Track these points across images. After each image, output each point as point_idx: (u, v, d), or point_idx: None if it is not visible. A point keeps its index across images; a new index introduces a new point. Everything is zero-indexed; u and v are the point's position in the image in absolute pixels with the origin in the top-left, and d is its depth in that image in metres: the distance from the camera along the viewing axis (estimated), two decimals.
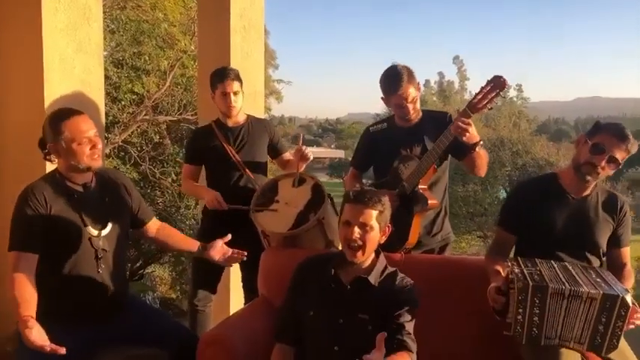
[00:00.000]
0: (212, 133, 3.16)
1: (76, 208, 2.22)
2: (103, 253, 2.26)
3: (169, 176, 9.72)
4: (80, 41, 2.81)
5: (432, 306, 2.23)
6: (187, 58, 8.95)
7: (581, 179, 2.27)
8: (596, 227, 2.31)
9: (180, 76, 9.66)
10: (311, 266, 2.22)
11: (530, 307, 1.96)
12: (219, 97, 3.09)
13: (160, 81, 9.36)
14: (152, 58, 9.26)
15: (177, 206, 9.85)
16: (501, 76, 2.40)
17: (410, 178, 2.71)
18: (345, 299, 2.05)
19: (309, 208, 2.83)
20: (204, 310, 3.28)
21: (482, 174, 2.87)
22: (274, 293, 2.69)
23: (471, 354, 2.40)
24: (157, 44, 9.43)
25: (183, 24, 9.03)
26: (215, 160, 3.17)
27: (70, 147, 2.16)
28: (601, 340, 1.94)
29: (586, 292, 1.92)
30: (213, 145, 3.14)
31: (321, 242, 2.83)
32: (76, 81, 2.80)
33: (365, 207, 2.01)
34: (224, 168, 3.15)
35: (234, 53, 3.67)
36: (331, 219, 2.89)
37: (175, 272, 10.37)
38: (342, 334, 2.02)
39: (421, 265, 2.57)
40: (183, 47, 8.63)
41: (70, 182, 2.24)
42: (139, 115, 8.88)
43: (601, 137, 2.21)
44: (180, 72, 9.58)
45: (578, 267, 2.15)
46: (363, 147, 3.06)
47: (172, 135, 9.75)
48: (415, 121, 2.86)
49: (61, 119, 2.18)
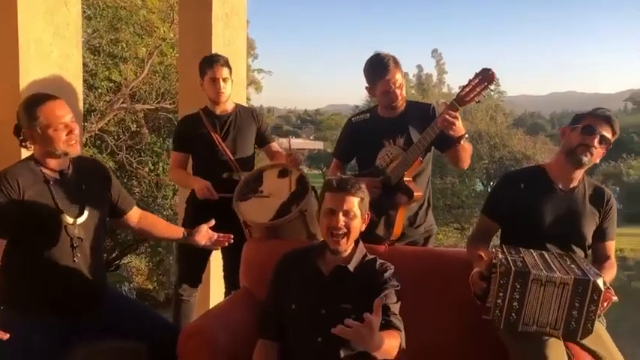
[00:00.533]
0: (199, 120, 3.14)
1: (52, 194, 2.16)
2: (78, 241, 2.21)
3: (146, 165, 9.57)
4: (58, 25, 2.72)
5: (415, 297, 2.23)
6: (166, 45, 8.80)
7: (576, 163, 2.28)
8: (583, 219, 2.32)
9: (158, 64, 9.50)
10: (291, 260, 2.21)
11: (510, 292, 1.97)
12: (208, 83, 3.07)
13: (138, 69, 9.19)
14: (130, 45, 9.09)
15: (155, 196, 9.72)
16: (490, 68, 2.40)
17: (395, 169, 2.70)
18: (326, 290, 2.05)
19: (292, 200, 2.81)
20: (189, 300, 3.27)
21: (466, 166, 2.89)
22: (256, 285, 2.66)
23: (455, 344, 2.40)
24: (134, 31, 9.26)
25: (162, 11, 8.87)
26: (202, 147, 3.15)
27: (46, 133, 2.11)
28: (575, 325, 1.96)
29: (559, 277, 1.94)
30: (201, 133, 3.12)
31: (303, 234, 2.81)
32: (53, 67, 2.72)
33: (348, 194, 2.01)
34: (211, 156, 3.13)
35: (216, 41, 3.62)
36: (314, 211, 2.87)
37: (152, 263, 10.25)
38: (325, 325, 1.97)
39: (405, 256, 2.56)
40: (162, 35, 8.48)
41: (45, 168, 2.18)
42: (116, 103, 8.72)
43: (588, 120, 2.26)
44: (159, 60, 9.42)
45: (554, 254, 2.17)
46: (345, 138, 3.03)
47: (150, 124, 9.61)
48: (399, 111, 2.84)
49: (36, 104, 2.12)
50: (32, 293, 2.15)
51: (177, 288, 3.25)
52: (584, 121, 2.27)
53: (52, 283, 2.17)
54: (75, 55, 2.81)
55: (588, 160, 2.27)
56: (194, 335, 2.26)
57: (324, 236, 2.08)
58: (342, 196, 2.01)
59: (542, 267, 2.01)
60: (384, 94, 2.76)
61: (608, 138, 2.24)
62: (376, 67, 2.75)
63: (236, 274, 3.21)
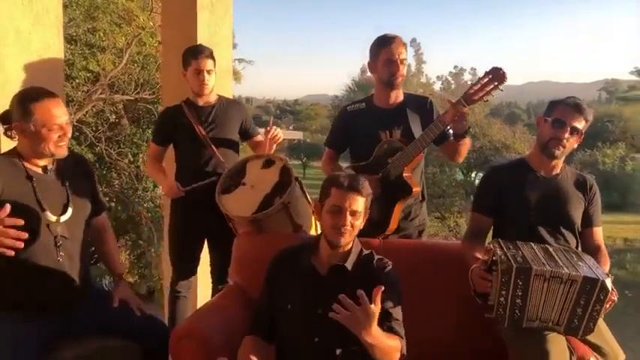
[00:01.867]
0: (182, 112, 3.07)
1: (34, 192, 2.08)
2: (62, 240, 2.14)
3: (126, 157, 9.43)
4: (37, 13, 2.61)
5: (410, 290, 2.16)
6: (146, 34, 8.63)
7: (550, 157, 2.31)
8: (570, 203, 2.34)
9: (136, 54, 9.34)
10: (284, 259, 2.15)
11: (513, 289, 1.94)
12: (192, 75, 3.01)
13: (116, 59, 9.02)
14: (107, 34, 8.91)
15: (135, 188, 9.58)
16: (500, 68, 2.36)
17: (395, 164, 2.65)
18: (322, 289, 1.99)
19: (275, 192, 2.75)
20: (187, 297, 3.23)
21: (461, 160, 2.88)
22: (247, 281, 2.62)
23: (451, 337, 2.39)
24: (112, 20, 9.08)
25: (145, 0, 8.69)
26: (184, 139, 3.08)
27: (39, 131, 2.05)
28: (578, 323, 1.95)
29: (567, 274, 1.92)
30: (183, 125, 3.05)
31: (289, 227, 2.76)
32: (33, 56, 2.61)
33: (358, 194, 1.96)
34: (193, 148, 3.07)
35: (201, 30, 3.52)
36: (298, 203, 2.82)
37: (133, 256, 10.11)
38: (322, 325, 1.95)
39: (399, 250, 2.53)
40: (142, 23, 8.31)
41: (28, 164, 2.11)
42: (95, 94, 8.54)
43: (558, 112, 2.27)
44: (137, 50, 9.25)
45: (560, 249, 2.15)
46: (339, 127, 2.97)
47: (129, 115, 9.44)
48: (396, 102, 2.80)
49: (33, 100, 2.05)
50: (16, 293, 2.07)
51: (174, 285, 3.21)
52: (555, 112, 2.29)
53: (36, 282, 2.10)
54: (55, 45, 2.71)
55: (561, 153, 2.29)
56: (186, 336, 2.19)
57: (326, 232, 2.01)
58: (352, 195, 1.96)
59: (544, 262, 1.98)
60: (386, 63, 2.70)
61: (579, 128, 2.26)
62: (382, 39, 2.73)
63: (223, 268, 3.18)
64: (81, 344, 2.19)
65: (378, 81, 2.79)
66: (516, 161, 2.52)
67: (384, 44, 2.69)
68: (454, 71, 48.23)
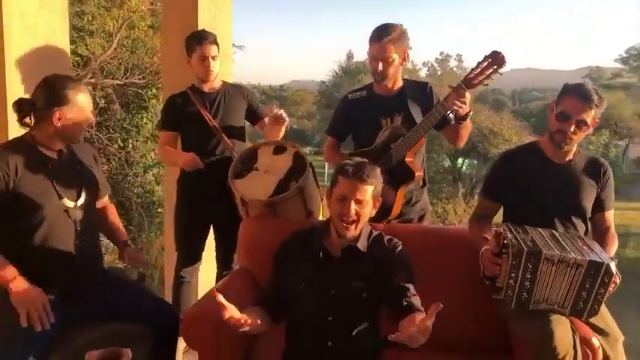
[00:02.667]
0: (188, 98, 3.07)
1: (51, 178, 2.11)
2: (80, 223, 2.17)
3: (115, 142, 9.37)
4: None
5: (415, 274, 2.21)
6: (138, 18, 8.53)
7: (557, 147, 2.31)
8: (582, 191, 2.34)
9: (125, 38, 9.24)
10: (295, 241, 2.18)
11: (522, 272, 1.99)
12: (197, 61, 3.00)
13: (105, 43, 8.92)
14: (95, 17, 8.80)
15: (125, 174, 9.54)
16: (500, 52, 2.37)
17: (397, 149, 2.68)
18: (335, 269, 2.04)
19: (289, 176, 2.78)
20: (191, 282, 3.24)
21: (462, 144, 2.90)
22: (255, 264, 2.64)
23: (455, 320, 2.38)
24: (99, 4, 8.96)
25: None
26: (192, 126, 3.08)
27: (78, 119, 2.10)
28: (583, 305, 2.01)
29: (573, 258, 1.96)
30: (190, 111, 3.05)
31: (302, 212, 2.80)
32: (39, 39, 2.59)
33: (363, 183, 1.97)
34: (201, 134, 3.07)
35: (202, 15, 3.50)
36: (312, 189, 2.86)
37: None
38: (335, 304, 2.01)
39: (403, 235, 2.54)
40: (133, 7, 8.20)
41: (44, 149, 2.12)
42: (84, 78, 8.45)
43: (564, 103, 2.25)
44: (126, 34, 9.16)
45: (566, 235, 2.19)
46: (341, 115, 2.99)
47: (119, 100, 9.36)
48: (396, 89, 2.82)
49: (69, 87, 2.08)
50: (39, 278, 2.07)
51: (179, 271, 3.22)
52: (562, 103, 2.26)
53: (59, 267, 2.13)
54: (61, 28, 2.69)
55: (568, 146, 2.30)
56: (198, 319, 2.21)
57: (334, 220, 2.04)
58: (357, 184, 1.97)
59: (553, 246, 2.03)
60: (371, 59, 2.73)
61: (587, 120, 2.23)
62: (373, 32, 2.71)
63: (228, 253, 3.20)
64: (94, 328, 2.22)
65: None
66: (529, 146, 2.50)
67: (371, 40, 2.70)
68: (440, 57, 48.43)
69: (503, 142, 18.89)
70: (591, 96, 2.21)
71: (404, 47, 2.71)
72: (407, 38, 2.72)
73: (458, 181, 19.43)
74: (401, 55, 2.72)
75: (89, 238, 2.24)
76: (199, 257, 3.26)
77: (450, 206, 15.37)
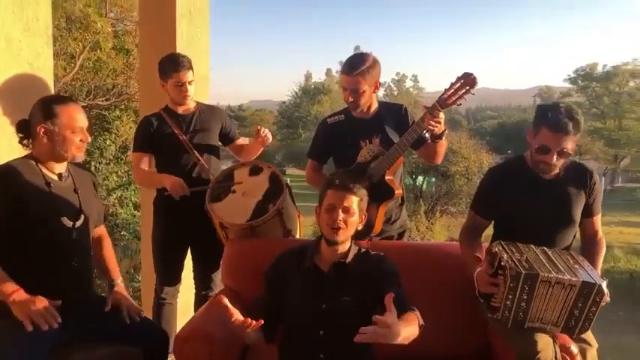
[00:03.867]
0: (163, 120, 3.07)
1: (52, 197, 2.15)
2: (76, 245, 2.21)
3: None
4: (27, 21, 2.61)
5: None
6: (102, 40, 8.48)
7: (542, 173, 2.34)
8: (572, 203, 2.37)
9: (86, 60, 9.16)
10: (287, 259, 2.25)
11: (519, 294, 2.05)
12: (173, 87, 3.01)
13: (67, 65, 8.82)
14: (57, 39, 8.70)
15: None
16: (472, 73, 2.47)
17: (376, 168, 2.76)
18: (326, 285, 2.12)
19: (267, 198, 2.81)
20: (172, 304, 3.22)
21: (440, 161, 3.00)
22: (240, 284, 2.68)
23: (437, 335, 2.46)
24: (60, 25, 8.86)
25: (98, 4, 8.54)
26: (167, 147, 3.08)
27: (64, 133, 2.12)
28: (574, 324, 2.10)
29: (568, 280, 2.04)
30: (165, 133, 3.05)
31: (279, 232, 2.84)
32: (23, 64, 2.60)
33: (349, 193, 2.10)
34: (177, 156, 3.07)
35: (180, 38, 3.56)
36: (289, 209, 2.91)
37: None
38: (327, 319, 2.08)
39: (387, 251, 2.63)
40: (100, 29, 8.16)
41: (46, 169, 2.17)
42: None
43: (542, 137, 2.24)
44: (88, 56, 9.08)
45: (557, 253, 2.25)
46: (321, 139, 3.06)
47: None
48: (372, 112, 2.90)
49: (57, 102, 2.14)
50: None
51: (159, 292, 3.20)
52: (540, 133, 2.24)
53: (53, 286, 2.14)
54: (45, 52, 2.70)
55: (552, 171, 2.32)
56: (191, 338, 2.24)
57: (324, 230, 2.13)
58: (343, 193, 2.09)
59: (549, 267, 2.09)
60: (342, 90, 2.82)
61: (567, 148, 2.23)
62: (345, 64, 2.79)
63: (208, 273, 3.22)
64: (85, 351, 2.20)
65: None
66: (516, 162, 2.49)
67: (342, 72, 2.79)
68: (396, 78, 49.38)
69: (462, 159, 19.36)
70: (566, 126, 2.19)
71: (375, 77, 2.78)
72: (378, 67, 2.78)
73: (419, 199, 19.78)
74: (372, 85, 2.79)
75: (83, 261, 2.26)
76: (179, 278, 3.25)
77: (413, 223, 15.60)
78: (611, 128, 36.29)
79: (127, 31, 9.51)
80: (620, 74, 37.63)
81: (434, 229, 18.72)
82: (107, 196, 9.36)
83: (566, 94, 44.93)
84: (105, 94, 8.90)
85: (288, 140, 40.89)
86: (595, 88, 39.61)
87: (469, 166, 19.81)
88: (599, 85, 39.22)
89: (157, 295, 3.22)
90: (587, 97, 40.70)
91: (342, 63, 2.83)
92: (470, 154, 19.67)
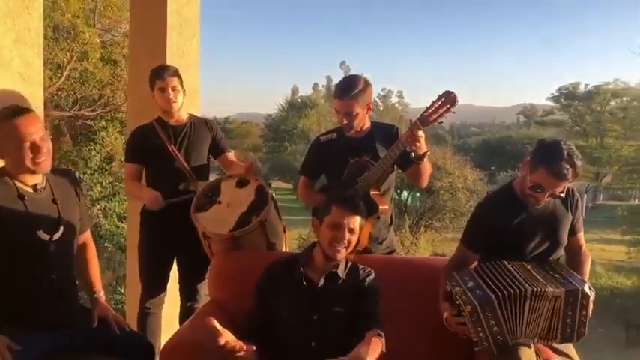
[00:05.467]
0: (154, 131, 3.09)
1: (27, 211, 2.09)
2: (55, 258, 2.15)
3: None
4: (19, 31, 2.60)
5: (383, 303, 2.28)
6: (91, 50, 8.47)
7: (531, 204, 2.33)
8: (560, 227, 2.38)
9: (73, 70, 9.14)
10: (278, 269, 2.28)
11: (486, 323, 2.07)
12: (159, 94, 3.03)
13: (54, 74, 8.80)
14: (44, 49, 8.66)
15: None
16: (452, 91, 2.50)
17: (362, 183, 2.78)
18: (317, 296, 2.15)
19: (251, 210, 2.83)
20: (157, 314, 3.21)
21: (425, 184, 3.01)
22: (226, 296, 2.69)
23: (419, 348, 2.51)
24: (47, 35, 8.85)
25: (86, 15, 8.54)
26: (157, 159, 3.09)
27: (15, 148, 2.04)
28: (570, 331, 2.13)
29: (551, 292, 2.06)
30: (155, 144, 3.07)
31: (263, 244, 2.86)
32: (14, 74, 2.59)
33: (356, 214, 2.15)
34: (165, 167, 3.09)
35: (170, 51, 3.58)
36: (274, 221, 2.92)
37: None
38: (318, 329, 2.11)
39: (372, 264, 2.66)
40: (87, 39, 8.16)
41: (19, 182, 2.11)
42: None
43: (539, 176, 2.20)
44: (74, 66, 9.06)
45: (535, 266, 2.27)
46: (313, 157, 3.09)
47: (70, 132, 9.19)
48: (364, 132, 2.93)
49: (7, 117, 2.04)
50: (13, 310, 2.07)
51: (144, 302, 3.19)
52: (537, 171, 2.20)
53: (33, 300, 2.11)
54: (36, 63, 2.70)
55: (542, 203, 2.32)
56: (178, 348, 2.25)
57: (324, 245, 2.17)
58: (352, 214, 2.15)
59: (521, 279, 2.11)
60: (336, 113, 2.85)
61: (560, 192, 2.23)
62: (337, 88, 2.84)
63: (193, 285, 3.22)
64: None
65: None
66: (504, 194, 2.45)
67: (335, 95, 2.82)
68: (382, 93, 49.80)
69: (447, 175, 19.51)
70: (566, 174, 2.15)
71: (367, 100, 2.82)
72: (370, 89, 2.82)
73: (404, 214, 19.87)
74: (365, 106, 2.82)
75: (64, 274, 2.21)
76: (164, 288, 3.25)
77: (398, 238, 15.62)
78: (592, 146, 36.79)
79: (114, 42, 9.54)
80: (601, 93, 38.28)
81: (418, 243, 18.80)
82: (91, 207, 9.30)
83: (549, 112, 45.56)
84: (91, 105, 8.90)
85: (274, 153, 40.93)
86: (577, 107, 40.22)
87: (453, 181, 19.96)
88: (582, 104, 39.85)
89: (142, 304, 3.21)
90: (570, 116, 41.34)
91: (334, 86, 2.90)
92: (454, 169, 19.84)
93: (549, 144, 2.24)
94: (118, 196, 9.91)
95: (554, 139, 2.28)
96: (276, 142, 41.86)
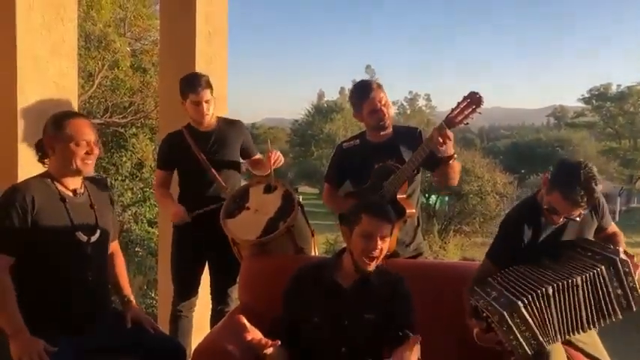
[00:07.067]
0: (183, 138, 3.13)
1: (67, 213, 2.18)
2: (91, 259, 2.23)
3: None
4: (54, 42, 2.70)
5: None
6: (121, 58, 8.65)
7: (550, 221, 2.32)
8: (585, 235, 2.36)
9: (103, 78, 9.34)
10: (306, 276, 2.26)
11: (517, 330, 2.04)
12: (191, 106, 3.06)
13: (86, 82, 9.01)
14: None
15: None
16: (477, 92, 2.48)
17: (388, 187, 2.77)
18: (347, 302, 2.14)
19: (278, 216, 2.86)
20: (188, 317, 3.26)
21: (456, 183, 2.98)
22: (256, 300, 2.71)
23: (457, 351, 2.48)
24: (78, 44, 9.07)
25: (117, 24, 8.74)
26: (186, 165, 3.15)
27: (68, 146, 2.14)
28: (626, 301, 2.09)
29: (579, 279, 2.04)
30: (185, 151, 3.11)
31: (291, 249, 2.87)
32: (49, 83, 2.69)
33: (388, 223, 2.12)
34: (195, 173, 3.13)
35: (199, 58, 3.64)
36: (301, 226, 2.95)
37: None
38: (348, 335, 2.10)
39: (402, 269, 2.65)
40: (119, 48, 8.34)
41: (61, 186, 2.21)
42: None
43: (554, 198, 2.19)
44: (105, 74, 9.27)
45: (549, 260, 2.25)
46: (336, 163, 3.10)
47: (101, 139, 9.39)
48: (387, 136, 2.93)
49: (66, 117, 2.18)
50: (50, 310, 2.13)
51: (176, 305, 3.24)
52: (554, 196, 2.20)
53: (69, 300, 2.17)
54: (71, 72, 2.79)
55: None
56: (209, 352, 2.28)
57: (356, 255, 2.13)
58: (383, 223, 2.11)
59: (539, 279, 2.10)
60: (371, 113, 2.85)
61: (575, 215, 2.21)
62: (359, 90, 2.87)
63: (224, 288, 3.26)
64: None
65: (367, 126, 2.94)
66: (530, 208, 2.41)
67: (364, 97, 2.83)
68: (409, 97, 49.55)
69: (476, 179, 19.31)
70: (578, 202, 2.13)
71: (384, 90, 2.87)
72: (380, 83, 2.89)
73: (433, 218, 19.72)
74: (387, 96, 2.87)
75: (99, 276, 2.28)
76: (196, 292, 3.29)
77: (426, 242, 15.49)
78: (625, 148, 36.10)
79: (144, 50, 9.72)
80: (634, 94, 37.51)
81: (447, 248, 18.61)
82: (122, 212, 9.47)
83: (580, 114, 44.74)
84: (122, 112, 9.07)
85: (300, 158, 40.99)
86: (609, 108, 39.47)
87: (482, 185, 19.73)
88: (614, 105, 39.10)
89: (174, 307, 3.27)
90: (602, 117, 40.59)
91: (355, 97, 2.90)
92: (483, 173, 19.64)
93: (568, 167, 2.22)
94: (148, 201, 10.08)
95: (576, 162, 2.22)
96: (302, 147, 41.93)
